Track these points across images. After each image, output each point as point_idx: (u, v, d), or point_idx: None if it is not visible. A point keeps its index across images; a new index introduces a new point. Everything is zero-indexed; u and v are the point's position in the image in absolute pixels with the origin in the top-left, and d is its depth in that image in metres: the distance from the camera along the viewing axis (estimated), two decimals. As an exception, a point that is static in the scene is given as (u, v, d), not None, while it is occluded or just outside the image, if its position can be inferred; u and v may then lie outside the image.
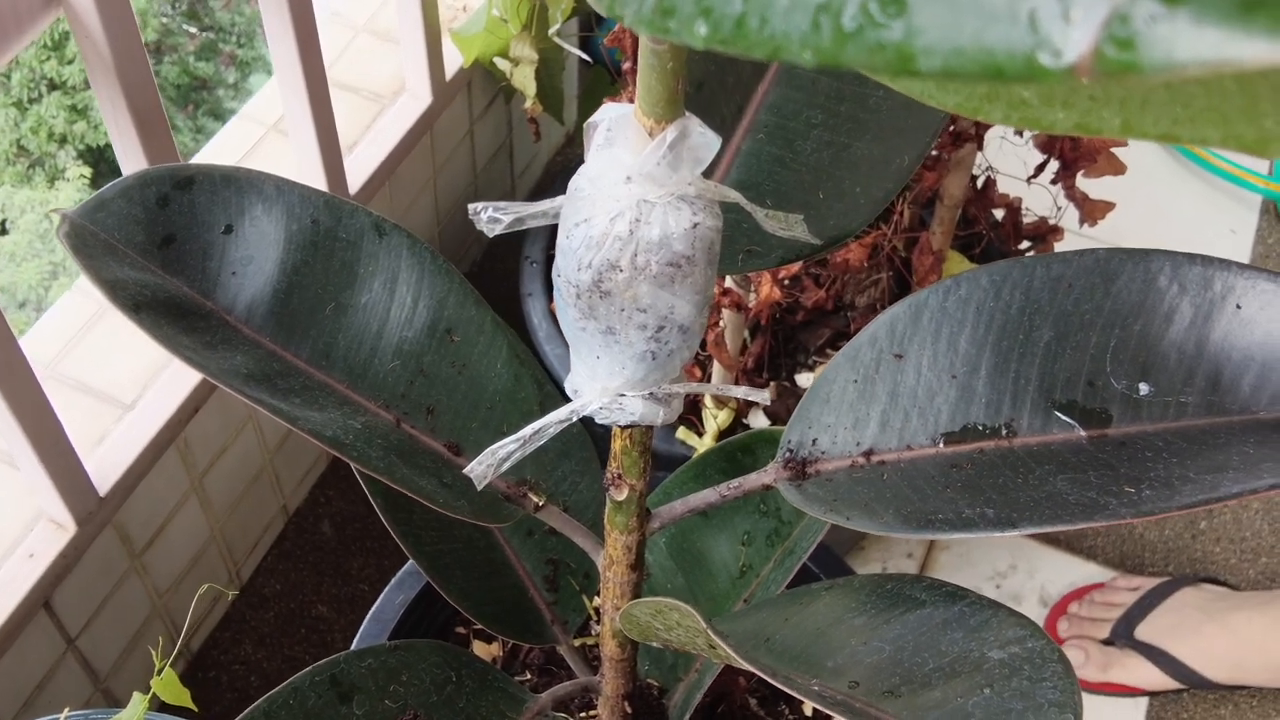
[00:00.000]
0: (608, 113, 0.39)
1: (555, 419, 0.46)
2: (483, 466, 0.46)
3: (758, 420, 1.06)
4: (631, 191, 0.39)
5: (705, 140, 0.39)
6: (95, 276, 0.47)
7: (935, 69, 0.17)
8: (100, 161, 3.42)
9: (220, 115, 3.68)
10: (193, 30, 3.93)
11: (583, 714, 0.75)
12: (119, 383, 0.95)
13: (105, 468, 0.90)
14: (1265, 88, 0.20)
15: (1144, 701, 1.14)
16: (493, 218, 0.39)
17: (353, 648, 0.83)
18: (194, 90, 3.81)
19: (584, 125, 0.40)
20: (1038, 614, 1.19)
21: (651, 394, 0.45)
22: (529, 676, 0.82)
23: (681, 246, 0.40)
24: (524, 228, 0.40)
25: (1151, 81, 0.18)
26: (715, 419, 1.01)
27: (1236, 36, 0.15)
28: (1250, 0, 0.15)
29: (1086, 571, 1.22)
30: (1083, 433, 0.48)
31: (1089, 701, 1.10)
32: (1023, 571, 1.22)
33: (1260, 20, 0.15)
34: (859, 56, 0.18)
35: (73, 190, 3.31)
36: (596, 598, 0.70)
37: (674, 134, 0.38)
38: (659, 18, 0.22)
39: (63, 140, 3.52)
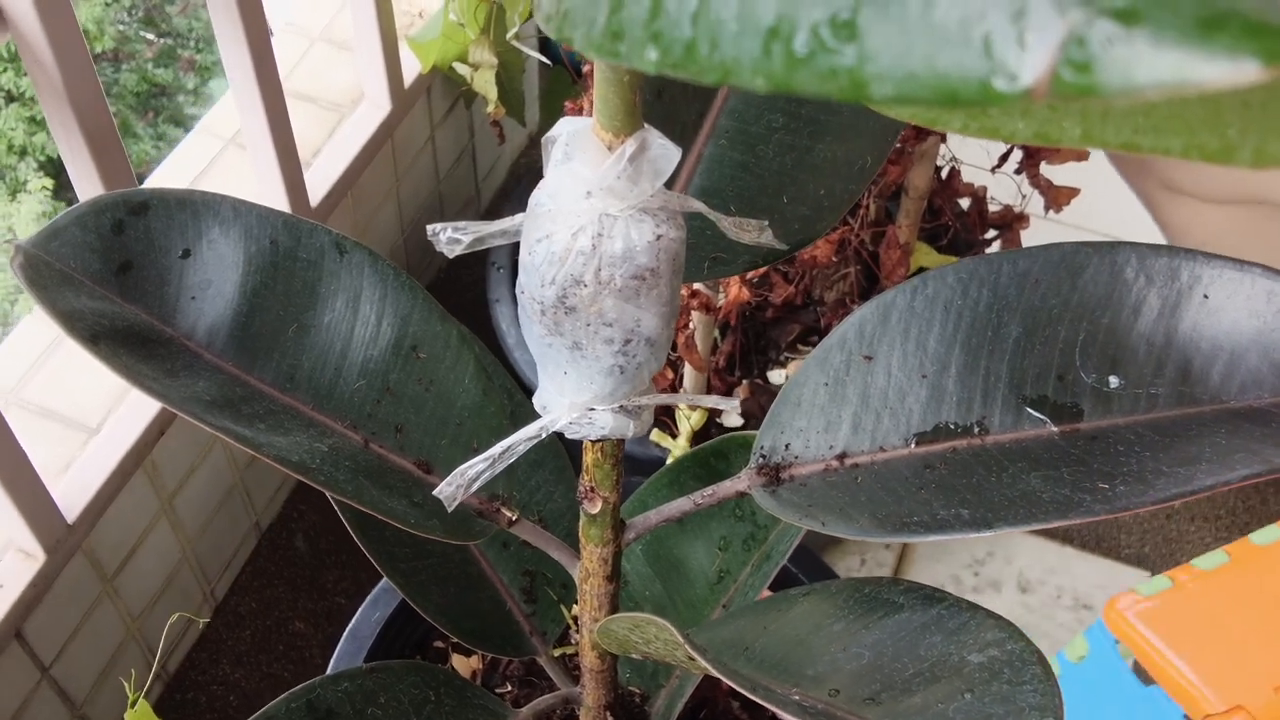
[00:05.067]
0: (565, 127, 0.39)
1: (524, 436, 0.45)
2: (452, 488, 0.46)
3: (732, 420, 1.06)
4: (593, 206, 0.38)
5: (665, 152, 0.38)
6: (51, 308, 0.46)
7: (888, 95, 0.16)
8: (62, 172, 3.39)
9: (181, 121, 3.65)
10: (150, 37, 3.88)
11: (565, 725, 0.75)
12: (83, 407, 0.94)
13: (72, 493, 0.88)
14: (1229, 98, 0.20)
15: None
16: (452, 239, 0.38)
17: (330, 668, 0.82)
18: (153, 97, 3.77)
19: (542, 140, 0.39)
20: (1016, 600, 1.20)
21: (621, 407, 0.44)
22: (510, 689, 0.81)
23: (645, 259, 0.39)
24: (484, 247, 0.39)
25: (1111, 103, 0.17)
26: (688, 420, 1.00)
27: (1196, 58, 0.15)
28: (1210, 19, 0.15)
29: (1063, 555, 1.23)
30: (1054, 428, 0.48)
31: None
32: (1000, 558, 1.22)
33: (1221, 40, 0.15)
34: (811, 83, 0.17)
35: (35, 203, 3.28)
36: (575, 606, 0.70)
37: (633, 147, 0.37)
38: (609, 42, 0.21)
39: (23, 152, 3.48)
